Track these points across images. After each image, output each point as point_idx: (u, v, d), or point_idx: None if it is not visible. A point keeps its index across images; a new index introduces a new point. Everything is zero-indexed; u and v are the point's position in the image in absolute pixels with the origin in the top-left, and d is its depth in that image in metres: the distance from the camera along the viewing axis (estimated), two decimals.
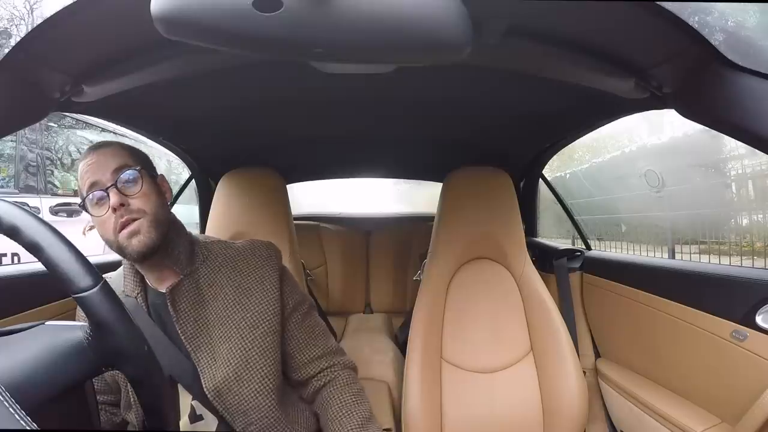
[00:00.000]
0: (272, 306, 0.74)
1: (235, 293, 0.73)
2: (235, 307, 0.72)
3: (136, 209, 0.65)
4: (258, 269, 0.76)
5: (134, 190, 0.66)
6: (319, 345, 0.80)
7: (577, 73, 0.68)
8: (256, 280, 0.75)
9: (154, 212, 0.67)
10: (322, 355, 0.80)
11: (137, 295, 0.72)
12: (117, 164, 0.66)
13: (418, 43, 0.41)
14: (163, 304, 0.70)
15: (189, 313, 0.70)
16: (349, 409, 0.74)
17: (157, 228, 0.66)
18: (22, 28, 3.38)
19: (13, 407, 0.31)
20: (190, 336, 0.70)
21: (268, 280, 0.76)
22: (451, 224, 1.15)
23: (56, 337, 0.43)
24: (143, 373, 0.45)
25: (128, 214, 0.64)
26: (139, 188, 0.66)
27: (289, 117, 1.14)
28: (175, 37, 0.40)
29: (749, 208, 2.45)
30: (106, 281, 0.43)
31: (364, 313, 1.87)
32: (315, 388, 0.79)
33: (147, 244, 0.65)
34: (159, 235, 0.66)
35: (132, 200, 0.65)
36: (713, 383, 0.86)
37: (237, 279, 0.74)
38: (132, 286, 0.72)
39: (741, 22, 0.60)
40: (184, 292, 0.71)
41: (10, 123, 0.63)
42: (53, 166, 3.16)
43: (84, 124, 3.41)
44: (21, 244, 0.41)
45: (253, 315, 0.73)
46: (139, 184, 0.66)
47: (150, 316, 0.71)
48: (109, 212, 0.64)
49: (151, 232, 0.65)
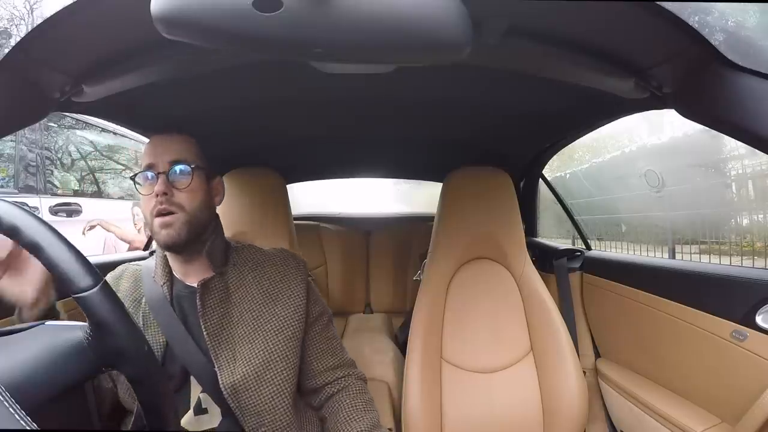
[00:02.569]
0: (298, 313, 0.77)
1: (263, 297, 0.76)
2: (261, 310, 0.74)
3: (176, 203, 0.69)
4: (286, 276, 0.79)
5: (181, 184, 0.70)
6: (336, 356, 0.83)
7: (577, 73, 0.68)
8: (284, 287, 0.78)
9: (193, 211, 0.70)
10: (338, 365, 0.82)
11: (164, 284, 0.74)
12: (175, 156, 0.71)
13: (418, 43, 0.41)
14: (187, 297, 0.73)
15: (215, 310, 0.72)
16: (359, 414, 0.77)
17: (190, 227, 0.70)
18: (22, 28, 3.38)
19: (13, 407, 0.31)
20: (212, 332, 0.71)
21: (296, 288, 0.79)
22: (451, 224, 1.15)
23: (56, 337, 0.43)
24: (143, 373, 0.45)
25: (167, 204, 0.68)
26: (187, 184, 0.70)
27: (289, 117, 1.14)
28: (175, 37, 0.40)
29: (749, 208, 2.45)
30: (106, 281, 0.43)
31: (364, 313, 1.87)
32: (327, 395, 0.81)
33: (174, 240, 0.68)
34: (190, 234, 0.70)
35: (176, 192, 0.69)
36: (713, 383, 0.86)
37: (265, 284, 0.77)
38: (161, 274, 0.75)
39: (741, 22, 0.60)
40: (213, 288, 0.73)
41: (10, 123, 0.63)
42: (53, 166, 3.15)
43: (84, 124, 3.40)
44: (21, 244, 0.41)
45: (278, 319, 0.75)
46: (187, 180, 0.70)
47: (172, 307, 0.73)
48: (152, 194, 0.68)
49: (183, 229, 0.69)
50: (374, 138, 1.38)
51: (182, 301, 0.73)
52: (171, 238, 0.68)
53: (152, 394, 0.46)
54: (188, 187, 0.70)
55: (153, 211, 0.68)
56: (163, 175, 0.69)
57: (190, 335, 0.71)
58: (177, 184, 0.70)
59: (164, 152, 0.71)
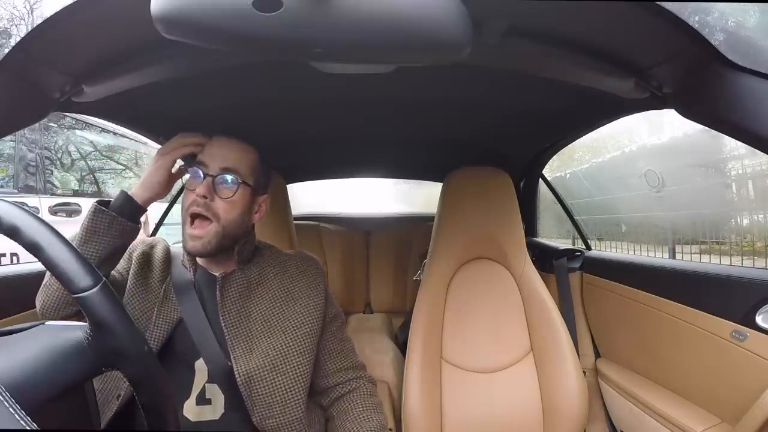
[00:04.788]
0: (316, 312, 0.78)
1: (283, 294, 0.78)
2: (281, 307, 0.76)
3: (213, 210, 0.70)
4: (307, 277, 0.81)
5: (224, 193, 0.71)
6: (349, 357, 0.85)
7: (577, 73, 0.68)
8: (303, 286, 0.80)
9: (227, 222, 0.71)
10: (351, 367, 0.84)
11: (190, 269, 0.76)
12: (228, 164, 0.72)
13: (418, 43, 0.41)
14: (208, 286, 0.75)
15: (234, 302, 0.74)
16: (369, 415, 0.78)
17: (220, 239, 0.71)
18: (22, 28, 3.38)
19: (13, 407, 0.31)
20: (230, 324, 0.72)
21: (315, 288, 0.81)
22: (451, 224, 1.15)
23: (56, 337, 0.43)
24: (143, 373, 0.45)
25: (204, 208, 0.69)
26: (229, 195, 0.71)
27: (289, 117, 1.14)
28: (175, 37, 0.40)
29: (749, 208, 2.45)
30: (106, 281, 0.43)
31: (364, 313, 1.87)
32: (337, 395, 0.82)
33: (200, 251, 0.70)
34: (218, 247, 0.71)
35: (217, 199, 0.70)
36: (713, 383, 0.86)
37: (285, 282, 0.79)
38: (189, 259, 0.77)
39: (741, 22, 0.60)
40: (235, 281, 0.75)
41: (10, 123, 0.63)
42: (53, 166, 3.15)
43: (84, 124, 3.41)
44: (21, 244, 0.41)
45: (297, 316, 0.76)
46: (231, 191, 0.71)
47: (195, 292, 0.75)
48: (194, 191, 0.69)
49: (212, 242, 0.70)
50: (374, 138, 1.38)
51: (202, 289, 0.75)
52: (197, 249, 0.70)
53: (152, 394, 0.46)
54: (230, 198, 0.71)
55: (189, 208, 0.70)
56: (210, 178, 0.70)
57: (209, 324, 0.72)
58: (220, 191, 0.71)
59: (219, 156, 0.72)
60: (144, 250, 0.79)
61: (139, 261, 0.77)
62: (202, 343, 0.71)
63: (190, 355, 0.71)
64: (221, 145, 0.74)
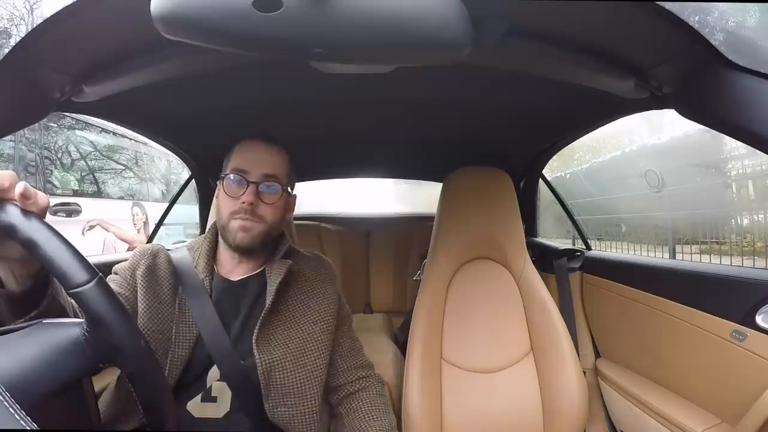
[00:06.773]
0: (330, 309, 0.81)
1: (298, 292, 0.79)
2: (297, 303, 0.78)
3: (259, 214, 0.74)
4: (321, 277, 0.84)
5: (269, 198, 0.75)
6: (359, 357, 0.87)
7: (577, 73, 0.68)
8: (317, 285, 0.82)
9: (271, 224, 0.76)
10: (360, 366, 0.86)
11: (205, 278, 0.76)
12: (272, 171, 0.75)
13: (418, 43, 0.41)
14: (227, 292, 0.76)
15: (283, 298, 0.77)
16: (379, 414, 0.79)
17: (265, 236, 0.75)
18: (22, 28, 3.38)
19: (13, 407, 0.31)
20: (266, 320, 0.73)
21: (330, 288, 0.84)
22: (451, 224, 1.15)
23: (53, 334, 0.43)
24: (141, 368, 0.45)
25: (251, 215, 0.73)
26: (274, 201, 0.75)
27: (288, 117, 1.14)
28: (175, 37, 0.40)
29: (749, 208, 2.45)
30: (101, 276, 0.43)
31: (364, 313, 1.87)
32: (348, 392, 0.83)
33: (249, 245, 0.73)
34: (263, 242, 0.76)
35: (261, 204, 0.74)
36: (713, 383, 0.86)
37: (300, 280, 0.81)
38: (203, 266, 0.77)
39: (741, 22, 0.60)
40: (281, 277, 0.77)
41: (10, 123, 0.63)
42: (52, 166, 3.15)
43: (84, 124, 3.41)
44: (17, 242, 0.41)
45: (313, 312, 0.79)
46: (275, 197, 0.75)
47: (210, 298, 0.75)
48: (237, 199, 0.72)
49: (258, 237, 0.74)
50: (374, 138, 1.38)
51: (220, 294, 0.76)
52: (245, 242, 0.73)
53: (150, 390, 0.46)
54: (273, 204, 0.75)
55: (233, 214, 0.73)
56: (254, 185, 0.73)
57: (224, 329, 0.72)
58: (265, 197, 0.74)
59: (260, 163, 0.74)
60: (146, 265, 0.75)
61: (144, 278, 0.73)
62: (217, 349, 0.71)
63: (206, 361, 0.71)
64: (260, 150, 0.76)
